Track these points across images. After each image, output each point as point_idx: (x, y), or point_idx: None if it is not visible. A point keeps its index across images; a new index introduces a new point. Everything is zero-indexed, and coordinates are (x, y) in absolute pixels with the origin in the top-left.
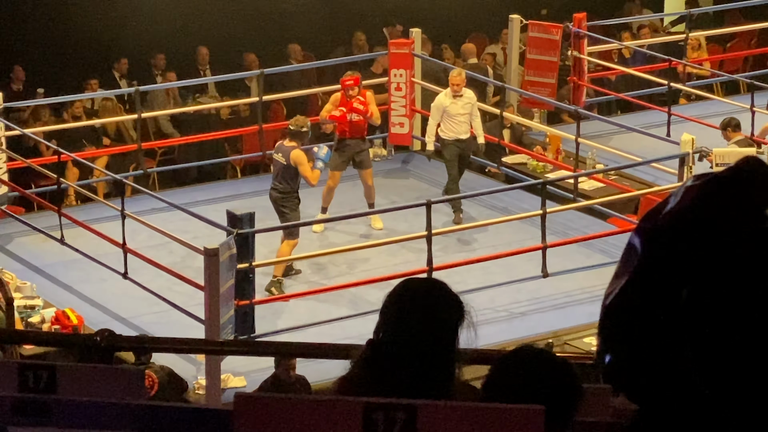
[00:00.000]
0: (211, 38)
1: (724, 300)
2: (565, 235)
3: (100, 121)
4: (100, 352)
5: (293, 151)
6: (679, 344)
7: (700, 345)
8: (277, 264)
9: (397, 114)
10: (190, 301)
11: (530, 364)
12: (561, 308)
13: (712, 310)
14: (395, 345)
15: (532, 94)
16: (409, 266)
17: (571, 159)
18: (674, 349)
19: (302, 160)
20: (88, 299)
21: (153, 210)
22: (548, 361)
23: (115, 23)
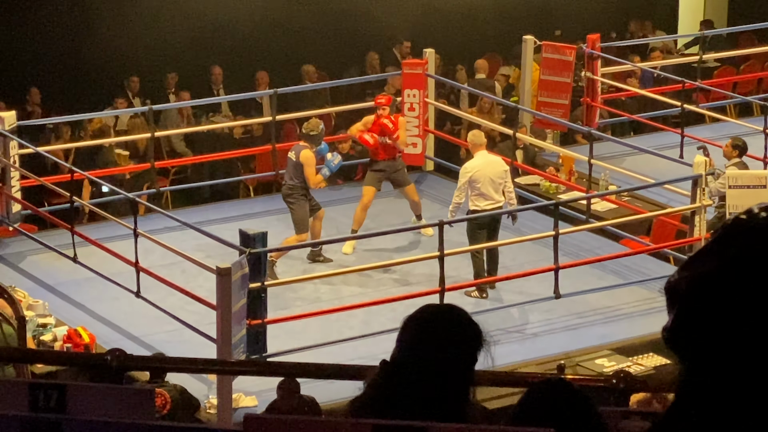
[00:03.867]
0: (224, 58)
1: None
2: (577, 256)
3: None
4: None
5: (304, 151)
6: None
7: None
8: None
9: (410, 134)
10: (203, 321)
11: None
12: (573, 329)
13: None
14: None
15: (546, 115)
16: (421, 287)
17: (584, 180)
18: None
19: (309, 162)
20: (101, 318)
21: (166, 229)
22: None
23: (129, 42)
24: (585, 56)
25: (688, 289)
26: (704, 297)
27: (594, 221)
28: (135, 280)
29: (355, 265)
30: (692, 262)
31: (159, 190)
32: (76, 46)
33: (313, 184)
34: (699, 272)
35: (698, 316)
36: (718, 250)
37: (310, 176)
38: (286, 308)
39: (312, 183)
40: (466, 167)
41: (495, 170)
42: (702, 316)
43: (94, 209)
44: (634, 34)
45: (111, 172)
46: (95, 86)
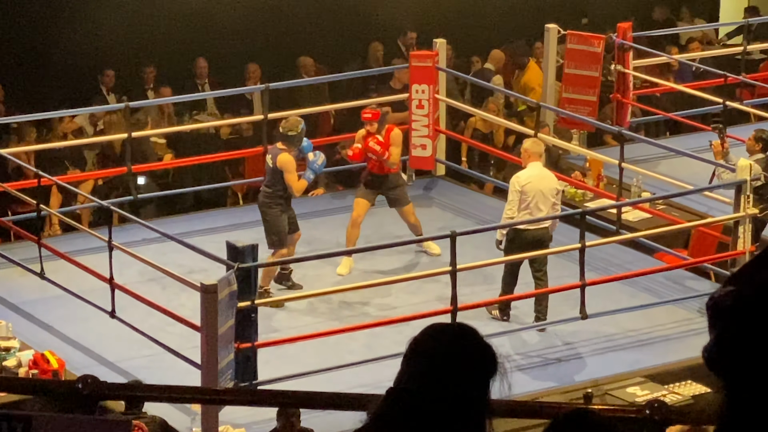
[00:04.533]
0: (210, 49)
1: None
2: (606, 271)
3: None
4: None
5: (281, 155)
6: None
7: None
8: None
9: (418, 135)
10: (185, 344)
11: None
12: (601, 354)
13: None
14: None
15: (571, 113)
16: (430, 305)
17: (614, 186)
18: None
19: (289, 167)
20: (71, 341)
21: (144, 241)
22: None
23: (103, 32)
24: (615, 47)
25: (733, 307)
26: (751, 315)
27: (625, 232)
28: (109, 299)
29: (356, 282)
30: (738, 277)
31: (137, 197)
32: (43, 37)
33: (296, 191)
34: (746, 288)
35: (744, 337)
36: (766, 264)
37: (292, 182)
38: (278, 330)
39: (295, 190)
40: (518, 177)
41: (548, 185)
42: (748, 337)
43: (63, 219)
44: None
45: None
46: (65, 82)
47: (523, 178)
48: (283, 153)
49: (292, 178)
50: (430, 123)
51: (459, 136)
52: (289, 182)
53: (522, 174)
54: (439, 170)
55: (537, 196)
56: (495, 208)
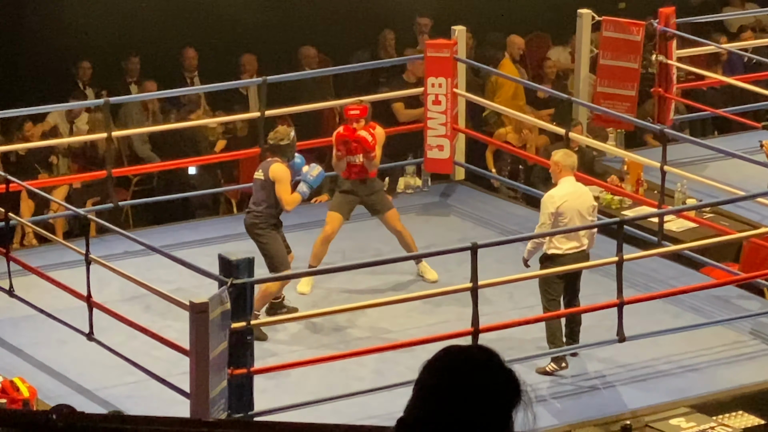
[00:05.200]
0: (200, 38)
1: None
2: (646, 288)
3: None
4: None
5: (273, 165)
6: None
7: None
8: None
9: (435, 134)
10: (173, 370)
11: None
12: (641, 381)
13: None
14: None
15: (606, 109)
16: (448, 327)
17: (655, 192)
18: None
19: (282, 177)
20: (44, 366)
21: (126, 254)
22: None
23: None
24: (656, 35)
25: None
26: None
27: (668, 244)
28: (87, 319)
29: (364, 300)
30: None
31: (117, 205)
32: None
33: (288, 205)
34: None
35: None
36: None
37: (283, 194)
38: (277, 354)
39: (286, 203)
40: (552, 196)
41: (585, 203)
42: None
43: (35, 229)
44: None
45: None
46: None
47: (558, 197)
48: (276, 163)
49: (284, 188)
50: (448, 121)
51: (481, 136)
52: (279, 194)
53: (555, 192)
54: (458, 174)
55: (574, 217)
56: (521, 216)
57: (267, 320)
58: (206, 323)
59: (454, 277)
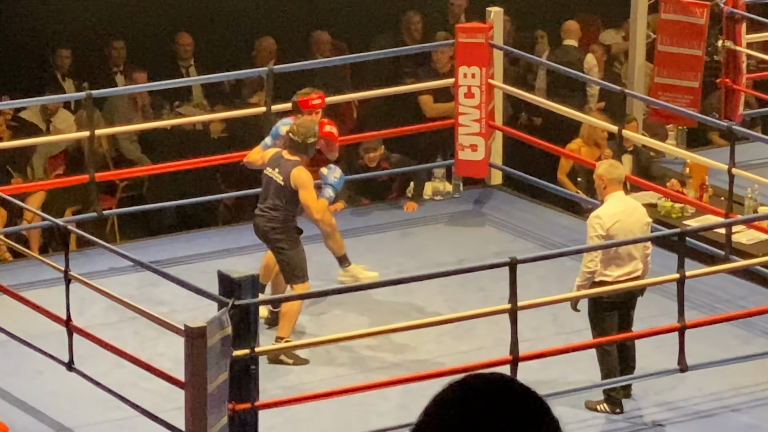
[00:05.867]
0: (196, 22)
1: None
2: (712, 309)
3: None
4: None
5: (296, 169)
6: None
7: None
8: (283, 322)
9: (467, 132)
10: (165, 404)
11: None
12: (706, 417)
13: None
14: None
15: (665, 103)
16: (484, 353)
17: (722, 199)
18: None
19: (306, 183)
20: (17, 400)
21: (111, 270)
22: None
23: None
24: (723, 17)
25: None
26: None
27: (737, 259)
28: (66, 346)
29: (386, 323)
30: None
31: (101, 214)
32: None
33: (318, 212)
34: None
35: None
36: None
37: (311, 202)
38: (286, 386)
39: (315, 211)
40: (599, 217)
41: (638, 221)
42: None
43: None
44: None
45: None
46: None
47: (607, 218)
48: (297, 167)
49: (311, 195)
50: (483, 117)
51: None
52: (306, 201)
53: (603, 212)
54: (494, 178)
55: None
56: (566, 227)
57: (273, 347)
58: (204, 350)
59: (489, 296)
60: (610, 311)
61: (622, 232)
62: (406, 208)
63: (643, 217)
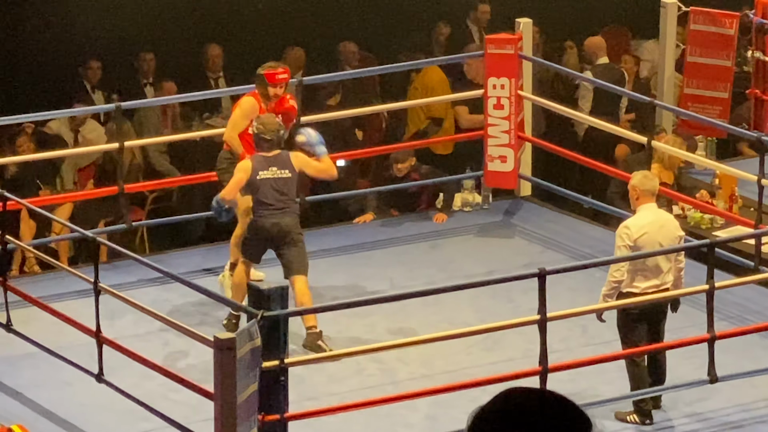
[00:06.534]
0: (225, 33)
1: None
2: (742, 321)
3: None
4: None
5: (294, 155)
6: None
7: None
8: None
9: (496, 143)
10: (194, 416)
11: None
12: (736, 428)
13: None
14: None
15: (695, 114)
16: (513, 365)
17: (752, 209)
18: None
19: (308, 159)
20: (46, 411)
21: (140, 282)
22: None
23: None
24: (753, 28)
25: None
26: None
27: (766, 270)
28: (96, 357)
29: (415, 334)
30: None
31: (131, 225)
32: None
33: (332, 168)
34: None
35: None
36: None
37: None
38: (315, 397)
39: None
40: (627, 227)
41: (669, 235)
42: None
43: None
44: None
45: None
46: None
47: (635, 229)
48: (290, 154)
49: (317, 164)
50: (512, 128)
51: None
52: (321, 169)
53: (632, 222)
54: (523, 189)
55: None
56: (596, 238)
57: (303, 358)
58: (233, 362)
59: (519, 307)
60: (639, 322)
61: (649, 244)
62: (436, 220)
63: (675, 230)
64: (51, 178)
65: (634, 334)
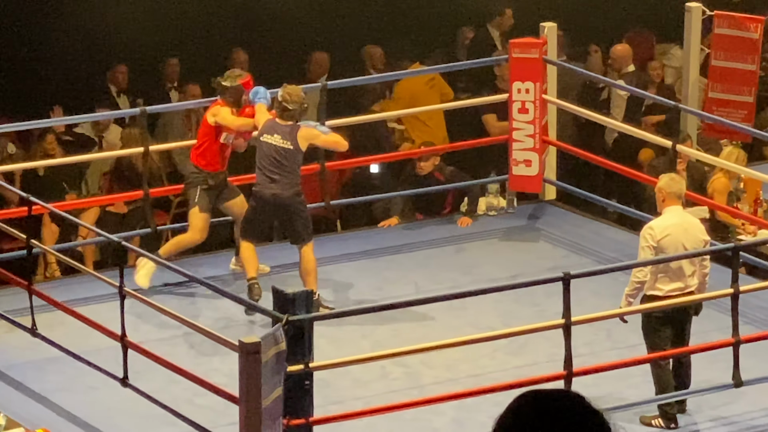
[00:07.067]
0: (251, 38)
1: None
2: (767, 324)
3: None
4: None
5: (303, 129)
6: None
7: None
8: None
9: (521, 147)
10: (219, 420)
11: None
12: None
13: None
14: None
15: (719, 118)
16: (537, 369)
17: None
18: None
19: (316, 132)
20: (71, 416)
21: (166, 286)
22: None
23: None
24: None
25: None
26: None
27: None
28: (121, 362)
29: (440, 338)
30: None
31: (156, 229)
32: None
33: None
34: None
35: None
36: None
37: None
38: (341, 401)
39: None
40: (651, 228)
41: (693, 238)
42: None
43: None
44: None
45: (82, 204)
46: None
47: (659, 230)
48: (300, 129)
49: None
50: (537, 132)
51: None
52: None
53: (656, 224)
54: (547, 193)
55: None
56: (621, 242)
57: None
58: (258, 366)
59: (543, 312)
60: (663, 326)
61: (672, 246)
62: (460, 224)
63: (700, 234)
64: (77, 183)
65: (658, 336)
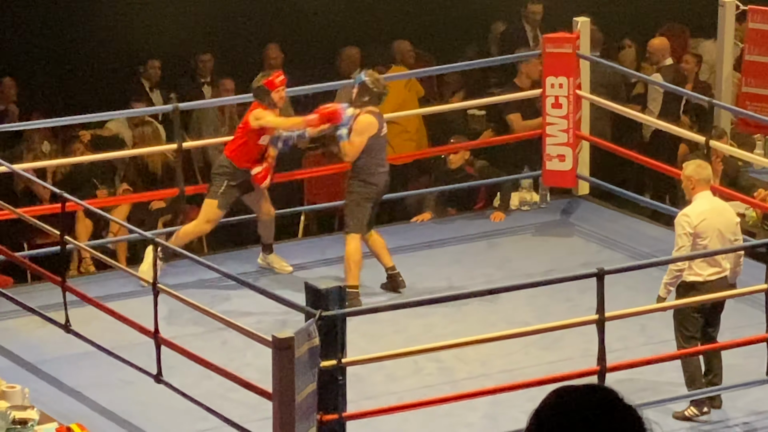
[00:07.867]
0: (283, 33)
1: None
2: None
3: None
4: None
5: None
6: None
7: None
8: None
9: (554, 142)
10: (252, 415)
11: None
12: None
13: None
14: None
15: (752, 113)
16: (571, 365)
17: None
18: None
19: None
20: (105, 411)
21: (199, 282)
22: None
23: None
24: None
25: None
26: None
27: None
28: (154, 357)
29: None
30: None
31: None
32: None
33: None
34: None
35: None
36: None
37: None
38: (374, 397)
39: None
40: (687, 215)
41: (726, 221)
42: None
43: (93, 254)
44: None
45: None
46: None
47: (694, 216)
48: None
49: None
50: (570, 127)
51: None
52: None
53: (691, 210)
54: (581, 188)
55: (714, 238)
56: (654, 237)
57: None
58: (291, 361)
59: (577, 307)
60: (697, 313)
61: (709, 230)
62: (493, 218)
63: (732, 217)
64: (109, 178)
65: (692, 324)
